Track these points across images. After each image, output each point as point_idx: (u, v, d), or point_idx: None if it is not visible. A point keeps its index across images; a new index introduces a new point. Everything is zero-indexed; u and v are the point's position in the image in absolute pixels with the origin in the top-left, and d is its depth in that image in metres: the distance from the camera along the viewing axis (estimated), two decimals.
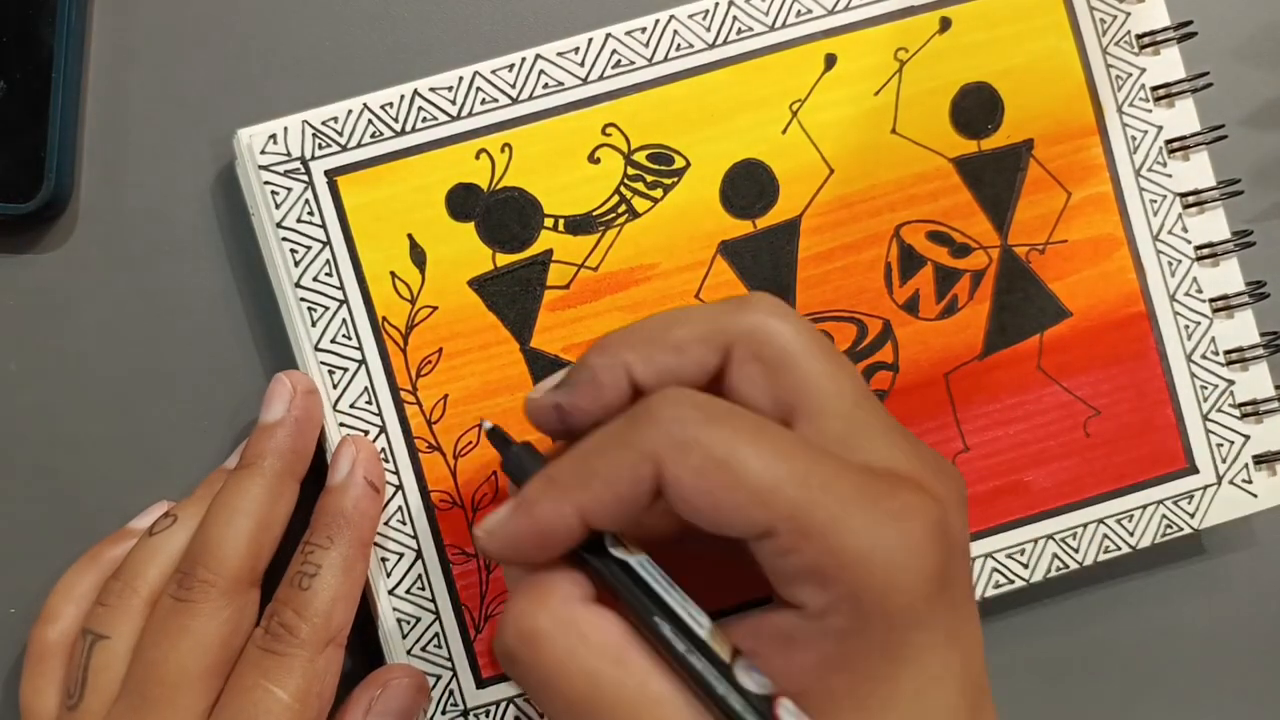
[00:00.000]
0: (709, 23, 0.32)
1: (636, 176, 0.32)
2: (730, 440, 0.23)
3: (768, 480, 0.23)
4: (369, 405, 0.31)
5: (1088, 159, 0.33)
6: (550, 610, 0.24)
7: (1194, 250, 0.33)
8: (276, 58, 0.34)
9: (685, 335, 0.25)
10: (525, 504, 0.25)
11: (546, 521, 0.24)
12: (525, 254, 0.32)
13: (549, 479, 0.25)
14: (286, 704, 0.27)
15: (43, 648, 0.30)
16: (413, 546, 0.31)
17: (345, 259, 0.31)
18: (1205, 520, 0.33)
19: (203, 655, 0.28)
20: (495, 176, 0.32)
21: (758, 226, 0.32)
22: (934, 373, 0.33)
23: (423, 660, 0.31)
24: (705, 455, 0.23)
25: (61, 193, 0.32)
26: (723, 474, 0.23)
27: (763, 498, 0.23)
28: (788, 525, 0.22)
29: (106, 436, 0.33)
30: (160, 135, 0.33)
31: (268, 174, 0.31)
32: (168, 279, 0.33)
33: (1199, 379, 0.33)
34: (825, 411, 0.25)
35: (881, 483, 0.23)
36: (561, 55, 0.32)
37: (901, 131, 0.33)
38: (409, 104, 0.31)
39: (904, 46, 0.33)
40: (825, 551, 0.22)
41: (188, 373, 0.33)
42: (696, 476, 0.23)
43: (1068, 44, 0.33)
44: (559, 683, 0.24)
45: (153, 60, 0.33)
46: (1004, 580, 0.33)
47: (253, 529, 0.29)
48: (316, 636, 0.28)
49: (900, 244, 0.33)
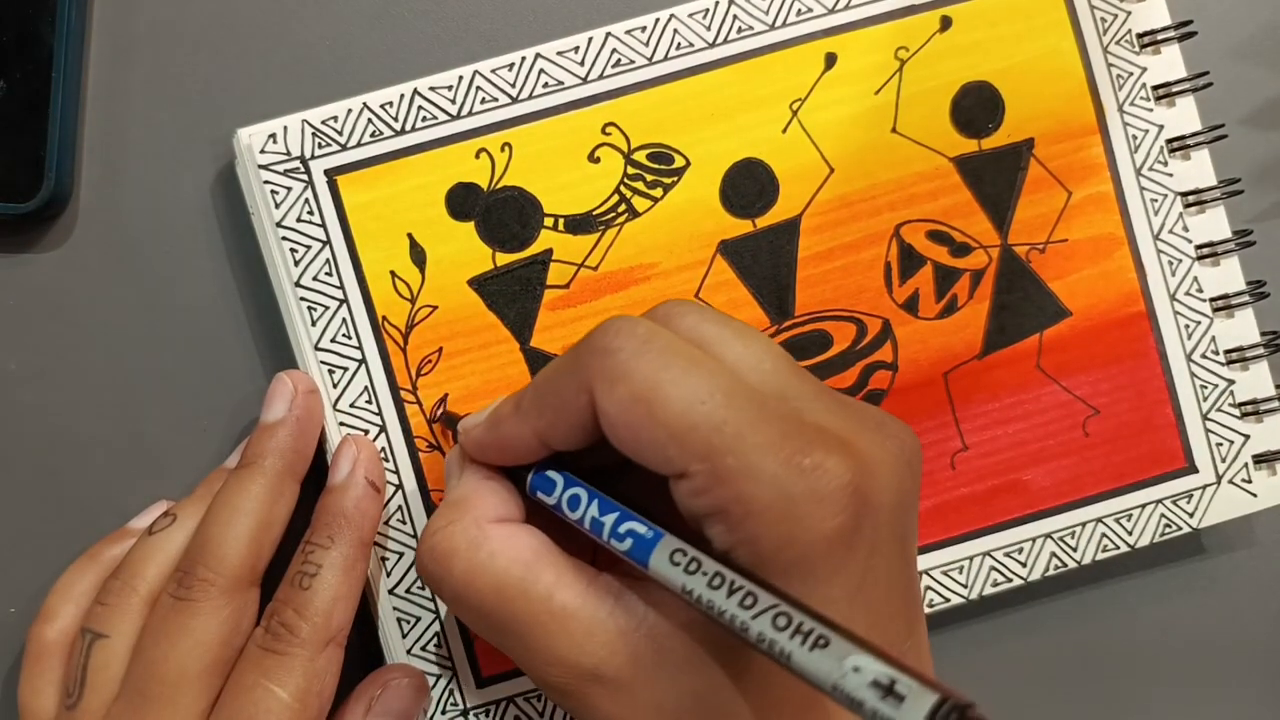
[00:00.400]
0: (709, 22, 0.32)
1: (636, 176, 0.32)
2: (655, 377, 0.23)
3: (684, 422, 0.23)
4: (369, 405, 0.31)
5: (1088, 158, 0.33)
6: (462, 528, 0.26)
7: (1194, 249, 0.33)
8: (276, 58, 0.34)
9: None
10: (495, 421, 0.27)
11: (509, 439, 0.27)
12: (525, 253, 0.32)
13: (515, 403, 0.27)
14: (287, 703, 0.27)
15: (41, 647, 0.30)
16: (413, 546, 0.31)
17: (345, 258, 0.31)
18: (1204, 520, 0.33)
19: (203, 654, 0.28)
20: (495, 176, 0.32)
21: (758, 226, 0.32)
22: (933, 372, 0.33)
23: (422, 660, 0.31)
24: (629, 390, 0.23)
25: (61, 192, 0.32)
26: (643, 409, 0.23)
27: (679, 438, 0.23)
28: (700, 467, 0.23)
29: (106, 436, 0.33)
30: (160, 135, 0.33)
31: (267, 173, 0.31)
32: (168, 279, 0.33)
33: (1199, 378, 0.33)
34: None
35: (801, 438, 0.23)
36: (561, 54, 0.32)
37: (902, 130, 0.33)
38: (409, 103, 0.31)
39: (904, 45, 0.33)
40: (732, 497, 0.23)
41: (188, 373, 0.33)
42: (620, 409, 0.23)
43: (1068, 43, 0.33)
44: (469, 597, 0.25)
45: (153, 60, 0.33)
46: (1002, 579, 0.33)
47: (253, 528, 0.29)
48: (317, 636, 0.28)
49: (900, 243, 0.33)
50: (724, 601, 0.22)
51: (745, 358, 0.25)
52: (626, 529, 0.24)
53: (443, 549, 0.26)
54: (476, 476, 0.28)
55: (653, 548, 0.24)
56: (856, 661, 0.20)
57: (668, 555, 0.23)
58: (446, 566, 0.26)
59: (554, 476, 0.26)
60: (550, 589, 0.25)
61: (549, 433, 0.26)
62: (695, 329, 0.25)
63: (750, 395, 0.23)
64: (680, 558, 0.23)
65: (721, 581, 0.22)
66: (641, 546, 0.24)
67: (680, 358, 0.24)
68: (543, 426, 0.26)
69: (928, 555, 0.33)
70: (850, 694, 0.20)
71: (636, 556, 0.24)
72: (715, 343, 0.25)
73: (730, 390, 0.23)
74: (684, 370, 0.23)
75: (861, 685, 0.19)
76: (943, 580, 0.33)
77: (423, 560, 0.26)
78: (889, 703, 0.19)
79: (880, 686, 0.19)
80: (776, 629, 0.21)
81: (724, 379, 0.24)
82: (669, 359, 0.24)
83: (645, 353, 0.24)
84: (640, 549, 0.24)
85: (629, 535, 0.24)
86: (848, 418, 0.25)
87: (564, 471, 0.27)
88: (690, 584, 0.23)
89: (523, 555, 0.25)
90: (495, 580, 0.25)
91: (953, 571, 0.33)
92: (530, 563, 0.25)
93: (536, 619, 0.25)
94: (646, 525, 0.24)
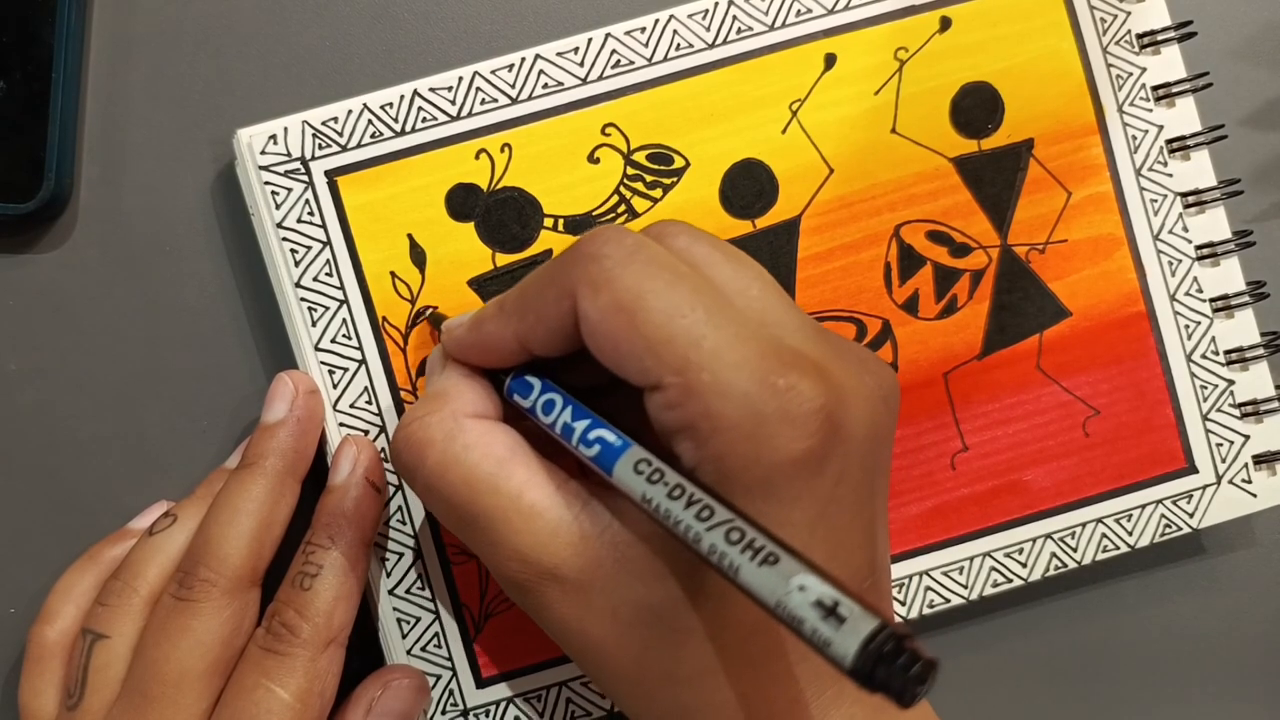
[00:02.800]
0: (708, 22, 0.32)
1: (636, 176, 0.32)
2: (638, 286, 0.23)
3: (663, 334, 0.23)
4: (369, 405, 0.31)
5: (1088, 158, 0.33)
6: (439, 419, 0.26)
7: (1194, 250, 0.33)
8: (276, 58, 0.34)
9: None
10: (478, 321, 0.27)
11: (491, 340, 0.27)
12: (525, 254, 0.32)
13: (500, 304, 0.27)
14: (288, 704, 0.27)
15: (42, 648, 0.30)
16: (412, 546, 0.31)
17: (345, 259, 0.31)
18: (1204, 520, 0.33)
19: (204, 654, 0.28)
20: (495, 176, 0.32)
21: (757, 226, 0.32)
22: (933, 372, 0.33)
23: (422, 660, 0.31)
24: (611, 297, 0.23)
25: (61, 193, 0.32)
26: (623, 319, 0.23)
27: (656, 350, 0.23)
28: (674, 380, 0.23)
29: (106, 436, 0.33)
30: (160, 135, 0.33)
31: (268, 174, 0.31)
32: (168, 279, 0.33)
33: (1199, 379, 0.33)
34: None
35: (778, 360, 0.23)
36: (561, 55, 0.32)
37: (901, 131, 0.33)
38: (409, 104, 0.31)
39: (904, 46, 0.33)
40: (702, 413, 0.23)
41: (188, 373, 0.33)
42: (600, 316, 0.23)
43: (1068, 43, 0.33)
44: (440, 487, 0.26)
45: (153, 60, 0.33)
46: (1002, 579, 0.33)
47: (254, 528, 0.29)
48: (318, 637, 0.28)
49: (900, 244, 0.33)
50: (681, 512, 0.22)
51: (733, 281, 0.25)
52: (596, 435, 0.25)
53: (418, 438, 0.26)
54: (457, 373, 0.28)
55: (619, 455, 0.24)
56: (802, 581, 0.20)
57: (632, 464, 0.23)
58: (420, 455, 0.26)
59: (531, 381, 0.27)
60: (520, 487, 0.25)
61: (529, 335, 0.26)
62: (687, 249, 0.25)
63: (732, 315, 0.23)
64: (644, 467, 0.23)
65: (681, 493, 0.22)
66: (608, 454, 0.24)
67: (666, 270, 0.24)
68: (524, 329, 0.26)
69: (928, 556, 0.33)
70: (792, 611, 0.20)
71: (602, 463, 0.24)
72: (705, 264, 0.25)
73: (712, 307, 0.23)
74: (668, 283, 0.23)
75: (804, 604, 0.20)
76: (943, 581, 0.33)
77: (397, 448, 0.26)
78: (829, 623, 0.19)
79: (822, 607, 0.19)
80: (729, 543, 0.21)
81: (708, 296, 0.24)
82: (654, 270, 0.24)
83: (631, 262, 0.24)
84: (607, 456, 0.24)
85: (597, 442, 0.24)
86: (829, 348, 0.25)
87: (543, 379, 0.27)
88: (650, 493, 0.23)
89: (496, 451, 0.26)
90: (467, 473, 0.25)
91: (953, 572, 0.33)
92: (504, 459, 0.25)
93: (504, 514, 0.25)
94: (616, 434, 0.24)
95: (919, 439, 0.33)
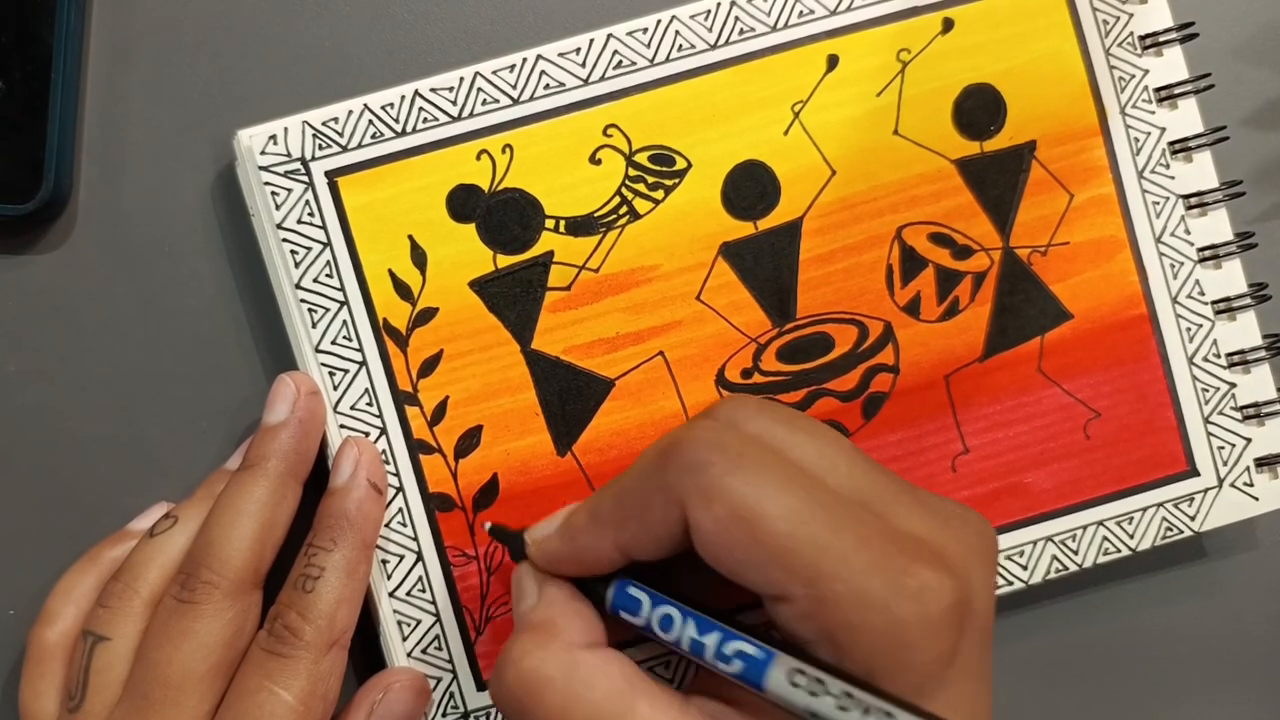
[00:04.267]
0: (711, 23, 0.32)
1: (638, 177, 0.32)
2: (755, 494, 0.23)
3: (788, 543, 0.22)
4: (369, 407, 0.31)
5: (1090, 160, 0.33)
6: (554, 653, 0.24)
7: (1196, 252, 0.33)
8: (276, 58, 0.33)
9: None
10: (571, 532, 0.26)
11: (586, 551, 0.26)
12: (526, 255, 0.32)
13: (593, 512, 0.26)
14: (291, 706, 0.27)
15: (42, 649, 0.30)
16: (413, 549, 0.31)
17: (346, 260, 0.31)
18: (1206, 523, 0.33)
19: (206, 656, 0.28)
20: (496, 177, 0.32)
21: (759, 228, 0.32)
22: (934, 375, 0.33)
23: (423, 662, 0.31)
24: (727, 507, 0.23)
25: (60, 193, 0.32)
26: (744, 530, 0.23)
27: (782, 560, 0.22)
28: (805, 591, 0.22)
29: (106, 436, 0.33)
30: (160, 135, 0.33)
31: (268, 175, 0.31)
32: (168, 279, 0.33)
33: (1200, 381, 0.33)
34: None
35: (903, 556, 0.23)
36: (562, 56, 0.32)
37: (903, 133, 0.33)
38: (409, 105, 0.31)
39: (906, 47, 0.33)
40: (842, 624, 0.22)
41: (188, 373, 0.33)
42: (718, 527, 0.23)
43: (1070, 45, 0.33)
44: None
45: (152, 60, 0.33)
46: (1003, 582, 0.33)
47: (256, 530, 0.29)
48: (321, 639, 0.28)
49: (902, 246, 0.33)
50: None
51: (819, 460, 0.25)
52: (734, 650, 0.24)
53: (533, 676, 0.24)
54: (560, 596, 0.27)
55: (766, 668, 0.23)
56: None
57: (786, 676, 0.23)
58: (538, 696, 0.24)
59: (637, 595, 0.26)
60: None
61: (632, 545, 0.25)
62: (768, 432, 0.25)
63: (847, 511, 0.23)
64: (800, 679, 0.22)
65: (852, 701, 0.22)
66: (754, 668, 0.23)
67: (776, 473, 0.23)
68: (625, 539, 0.25)
69: None
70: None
71: (749, 679, 0.23)
72: (789, 447, 0.25)
73: (829, 506, 0.23)
74: (782, 487, 0.23)
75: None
76: None
77: (508, 684, 0.25)
78: None
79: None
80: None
81: (820, 494, 0.23)
82: (765, 474, 0.23)
83: (739, 469, 0.23)
84: (753, 671, 0.23)
85: (737, 657, 0.24)
86: (933, 517, 0.24)
87: (646, 587, 0.26)
88: (817, 706, 0.22)
89: (617, 685, 0.24)
90: (591, 712, 0.24)
91: None
92: (625, 692, 0.24)
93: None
94: (755, 645, 0.23)
95: (920, 441, 0.33)
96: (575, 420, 0.32)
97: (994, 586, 0.25)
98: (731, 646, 0.24)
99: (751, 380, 0.32)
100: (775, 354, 0.32)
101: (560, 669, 0.24)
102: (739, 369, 0.32)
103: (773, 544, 0.22)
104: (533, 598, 0.27)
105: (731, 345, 0.32)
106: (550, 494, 0.32)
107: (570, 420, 0.32)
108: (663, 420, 0.32)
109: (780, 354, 0.32)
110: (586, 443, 0.32)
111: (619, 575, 0.26)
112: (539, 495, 0.32)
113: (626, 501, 0.25)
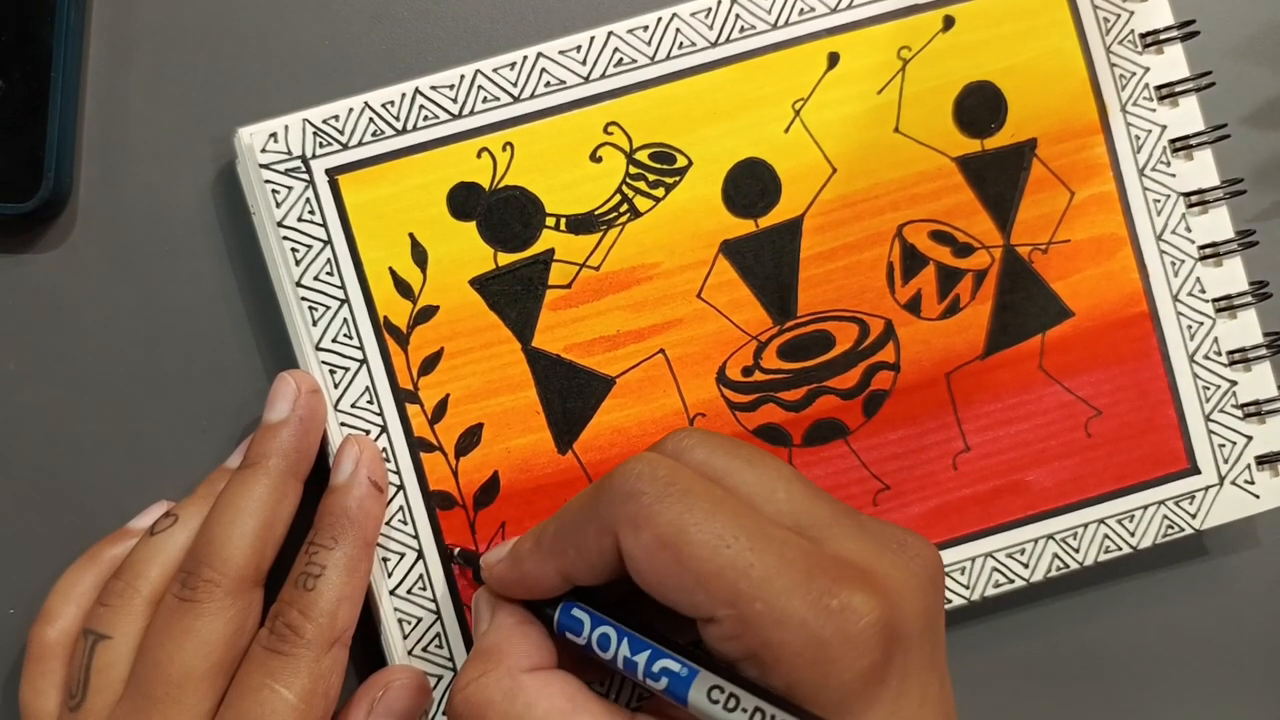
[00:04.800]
0: (711, 21, 0.32)
1: (638, 175, 0.32)
2: (679, 521, 0.24)
3: (710, 567, 0.23)
4: (370, 405, 0.31)
5: (1091, 158, 0.33)
6: (496, 679, 0.26)
7: (1197, 250, 0.33)
8: (276, 57, 0.33)
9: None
10: (516, 558, 0.27)
11: (530, 576, 0.27)
12: (527, 253, 0.32)
13: (537, 539, 0.27)
14: (292, 704, 0.27)
15: (43, 648, 0.30)
16: (414, 546, 0.31)
17: (346, 258, 0.31)
18: (1207, 521, 0.33)
19: (208, 655, 0.28)
20: (497, 175, 0.32)
21: (760, 225, 0.32)
22: (935, 372, 0.33)
23: (424, 660, 0.31)
24: (654, 534, 0.24)
25: (60, 192, 0.32)
26: (669, 555, 0.23)
27: (705, 584, 0.23)
28: (728, 613, 0.23)
29: (106, 436, 0.33)
30: (160, 135, 0.33)
31: (268, 173, 0.31)
32: (168, 279, 0.33)
33: (1201, 379, 0.33)
34: None
35: (825, 575, 0.23)
36: (563, 53, 0.32)
37: (904, 130, 0.33)
38: (410, 102, 0.31)
39: (907, 45, 0.33)
40: (762, 643, 0.23)
41: (188, 373, 0.33)
42: (645, 554, 0.24)
43: (1071, 43, 0.33)
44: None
45: (153, 60, 0.33)
46: (1004, 580, 0.33)
47: (257, 528, 0.29)
48: (322, 637, 0.28)
49: (903, 243, 0.33)
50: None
51: (757, 486, 0.25)
52: (660, 667, 0.25)
53: (477, 700, 0.26)
54: (507, 623, 0.28)
55: (688, 685, 0.24)
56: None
57: (705, 693, 0.24)
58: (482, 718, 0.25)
59: (580, 616, 0.27)
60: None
61: (571, 570, 0.26)
62: (707, 462, 0.26)
63: (772, 534, 0.24)
64: (718, 695, 0.23)
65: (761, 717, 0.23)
66: (677, 685, 0.24)
67: (702, 499, 0.24)
68: (565, 565, 0.26)
69: None
70: None
71: (673, 694, 0.24)
72: (727, 474, 0.26)
73: (753, 531, 0.24)
74: (707, 513, 0.24)
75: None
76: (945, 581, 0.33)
77: (457, 711, 0.26)
78: None
79: None
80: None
81: (746, 519, 0.24)
82: (691, 501, 0.24)
83: (666, 496, 0.24)
84: (676, 687, 0.24)
85: (663, 674, 0.25)
86: (867, 541, 0.25)
87: (589, 609, 0.27)
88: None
89: (558, 704, 0.25)
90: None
91: (955, 572, 0.33)
92: (566, 712, 0.25)
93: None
94: (680, 662, 0.24)
95: (921, 439, 0.33)
96: (576, 418, 0.32)
97: (938, 610, 0.25)
98: (659, 664, 0.25)
99: (752, 378, 0.32)
100: (776, 352, 0.32)
101: (502, 693, 0.25)
102: (740, 367, 0.32)
103: (696, 568, 0.23)
104: (485, 623, 0.28)
105: (732, 343, 0.32)
106: (551, 492, 0.32)
107: (571, 418, 0.32)
108: (663, 418, 0.32)
109: (781, 352, 0.32)
110: (587, 441, 0.32)
111: (567, 598, 0.27)
112: (540, 493, 0.32)
113: (566, 530, 0.26)
